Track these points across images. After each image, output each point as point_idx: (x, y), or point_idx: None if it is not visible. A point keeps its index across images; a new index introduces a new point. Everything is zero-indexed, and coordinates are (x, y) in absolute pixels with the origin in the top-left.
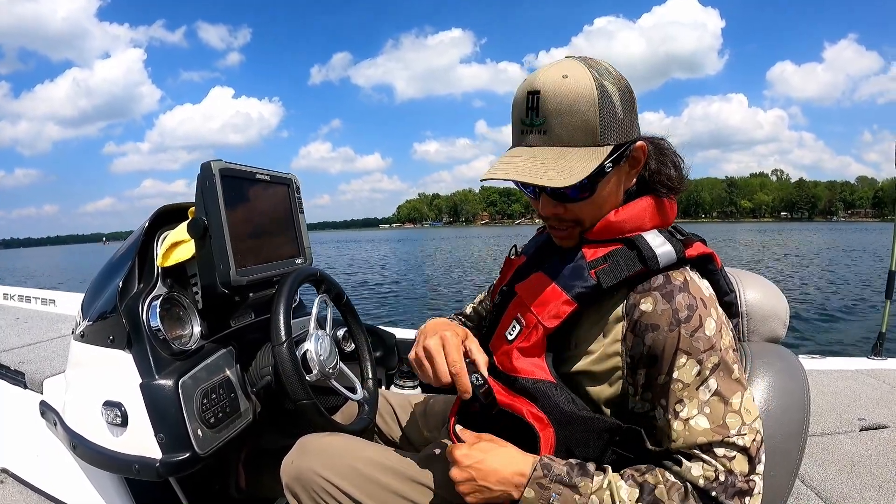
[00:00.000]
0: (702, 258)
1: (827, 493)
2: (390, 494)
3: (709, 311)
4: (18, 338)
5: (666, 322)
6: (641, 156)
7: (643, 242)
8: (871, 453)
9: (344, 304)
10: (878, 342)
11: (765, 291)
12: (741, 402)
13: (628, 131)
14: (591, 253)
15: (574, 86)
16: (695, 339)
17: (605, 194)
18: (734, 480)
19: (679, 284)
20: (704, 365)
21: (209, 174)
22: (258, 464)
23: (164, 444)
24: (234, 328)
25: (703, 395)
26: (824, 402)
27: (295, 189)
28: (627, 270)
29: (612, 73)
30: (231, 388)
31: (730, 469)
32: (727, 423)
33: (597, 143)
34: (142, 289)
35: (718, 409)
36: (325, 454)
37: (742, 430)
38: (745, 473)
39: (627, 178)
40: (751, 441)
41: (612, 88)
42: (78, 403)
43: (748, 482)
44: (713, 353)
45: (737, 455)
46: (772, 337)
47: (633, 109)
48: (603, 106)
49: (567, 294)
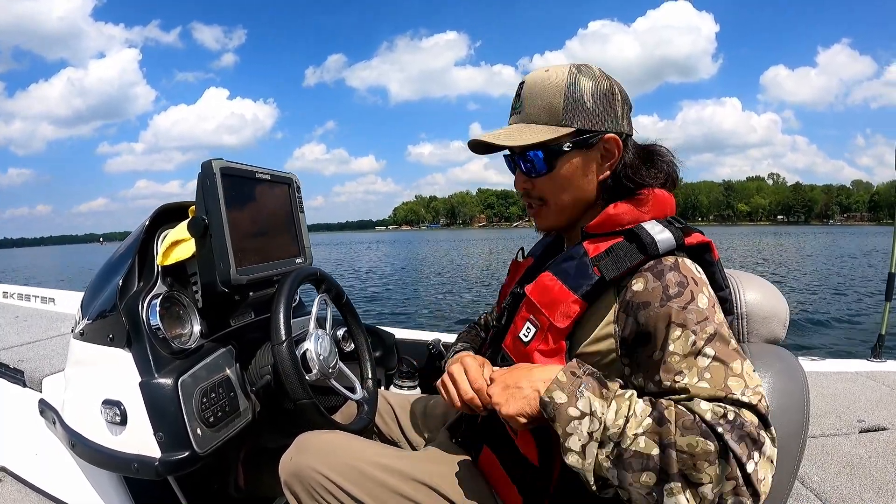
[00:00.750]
0: (700, 248)
1: (826, 495)
2: (389, 492)
3: (700, 289)
4: (18, 336)
5: (657, 298)
6: (614, 149)
7: (643, 231)
8: (871, 455)
9: (344, 303)
10: (878, 344)
11: (764, 292)
12: (742, 368)
13: (597, 122)
14: (594, 248)
15: (548, 76)
16: (688, 311)
17: (567, 174)
18: (742, 422)
19: (669, 264)
20: (699, 335)
21: (210, 173)
22: (257, 463)
23: (163, 443)
24: (233, 327)
25: (702, 363)
26: (824, 404)
27: (295, 188)
28: (629, 261)
29: (596, 73)
30: (230, 388)
31: (738, 413)
32: (730, 386)
33: (558, 124)
34: (142, 287)
35: (720, 373)
36: (324, 452)
37: (746, 392)
38: (756, 424)
39: (599, 168)
40: (758, 401)
41: (585, 82)
42: (77, 402)
43: (759, 434)
44: (708, 323)
45: (745, 410)
46: (771, 338)
47: (610, 106)
48: (569, 93)
49: (575, 294)
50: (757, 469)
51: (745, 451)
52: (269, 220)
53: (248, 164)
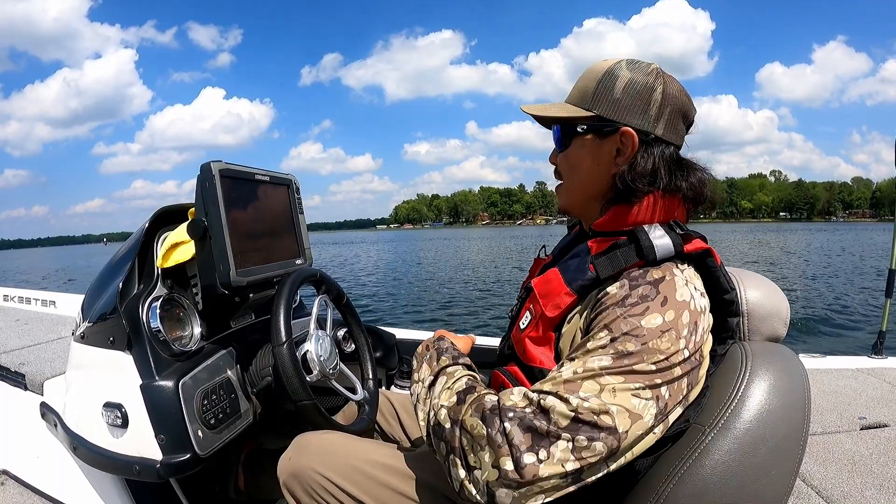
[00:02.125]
0: (701, 254)
1: (828, 492)
2: (388, 491)
3: (664, 310)
4: (19, 339)
5: (616, 301)
6: (630, 144)
7: (642, 234)
8: (872, 452)
9: (344, 304)
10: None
11: (765, 290)
12: (618, 390)
13: (621, 113)
14: (596, 247)
15: (599, 63)
16: (625, 322)
17: (577, 156)
18: (534, 415)
19: (652, 279)
20: (616, 344)
21: (209, 175)
22: (258, 465)
23: (164, 446)
24: (234, 329)
25: (591, 363)
26: (825, 401)
27: (295, 189)
28: (625, 262)
29: (646, 69)
30: (231, 389)
31: (542, 407)
32: (583, 385)
33: (583, 106)
34: (142, 290)
35: (589, 381)
36: (323, 452)
37: (590, 398)
38: (561, 426)
39: (611, 160)
40: (588, 410)
41: (624, 74)
42: (78, 405)
43: (550, 432)
44: (634, 340)
45: (560, 405)
46: (772, 336)
47: (642, 102)
48: (602, 80)
49: (569, 287)
50: (537, 463)
51: (525, 441)
52: (268, 222)
53: (248, 166)
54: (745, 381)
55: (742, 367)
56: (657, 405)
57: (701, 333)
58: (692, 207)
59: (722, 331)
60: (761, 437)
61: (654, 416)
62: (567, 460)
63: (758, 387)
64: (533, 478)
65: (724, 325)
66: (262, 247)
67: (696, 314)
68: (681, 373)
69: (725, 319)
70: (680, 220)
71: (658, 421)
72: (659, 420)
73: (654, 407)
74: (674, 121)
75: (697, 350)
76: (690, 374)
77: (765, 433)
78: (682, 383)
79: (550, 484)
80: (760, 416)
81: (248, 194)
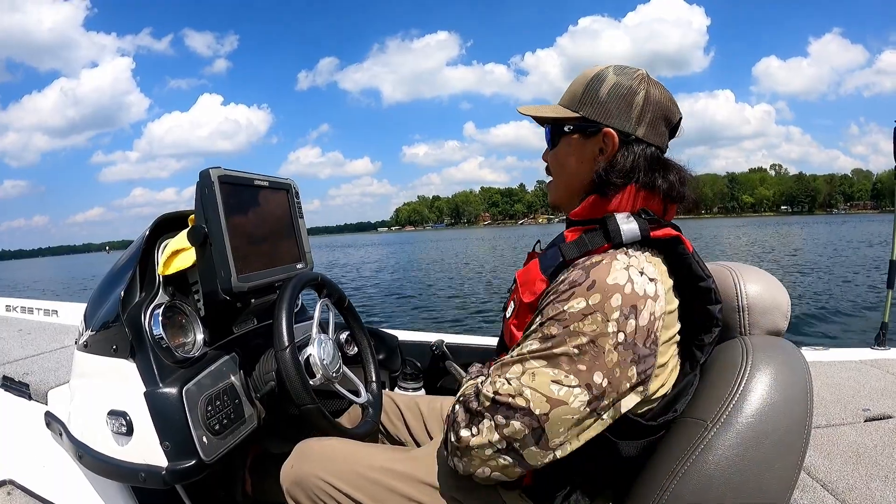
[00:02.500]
0: (670, 241)
1: (833, 485)
2: (393, 495)
3: (588, 294)
4: (22, 349)
5: (552, 288)
6: (611, 143)
7: (612, 220)
8: (877, 443)
9: (346, 307)
10: (881, 332)
11: (765, 284)
12: (538, 374)
13: (604, 115)
14: (570, 235)
15: (594, 68)
16: (552, 307)
17: (564, 155)
18: (472, 398)
19: (588, 263)
20: (542, 328)
21: (208, 181)
22: (264, 469)
23: (169, 452)
24: (236, 334)
25: (524, 347)
26: (828, 394)
27: (294, 194)
28: (591, 245)
29: (632, 74)
30: (235, 395)
31: (477, 390)
32: (511, 368)
33: (571, 108)
34: (143, 297)
35: (518, 357)
36: (325, 458)
37: (511, 381)
38: (483, 405)
39: (595, 158)
40: (505, 393)
41: (611, 78)
42: (83, 413)
43: (478, 411)
44: (556, 324)
45: (487, 387)
46: (773, 330)
47: (625, 105)
48: (590, 84)
49: (543, 274)
50: (469, 437)
51: (464, 419)
52: (268, 227)
53: (247, 172)
54: (746, 376)
55: (743, 362)
56: (589, 392)
57: (648, 318)
58: (671, 204)
59: (705, 319)
60: (764, 431)
61: (587, 403)
62: (493, 435)
63: (759, 381)
64: (467, 447)
65: (706, 312)
66: (263, 252)
67: (633, 298)
68: (618, 358)
69: (706, 308)
70: (655, 211)
71: (595, 407)
72: (597, 406)
73: (583, 393)
74: (655, 123)
75: (646, 336)
76: (639, 360)
77: (767, 427)
78: (624, 369)
79: (486, 454)
80: (763, 411)
81: (247, 200)
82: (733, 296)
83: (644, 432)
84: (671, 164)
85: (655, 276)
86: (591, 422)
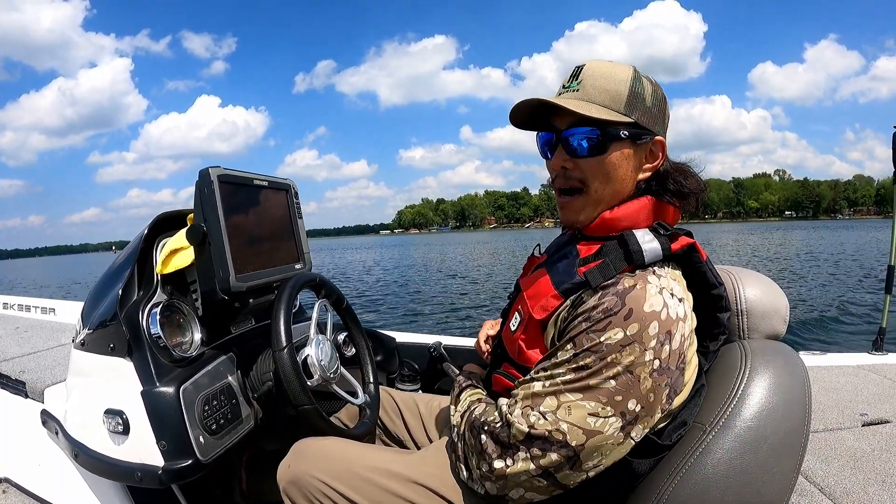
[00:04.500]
0: (687, 251)
1: (830, 489)
2: (389, 496)
3: (626, 324)
4: (19, 347)
5: (583, 313)
6: (660, 152)
7: (632, 238)
8: (874, 448)
9: (344, 308)
10: (879, 337)
11: (764, 288)
12: (574, 407)
13: (652, 122)
14: (585, 249)
15: (613, 66)
16: (587, 337)
17: (615, 163)
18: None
19: (621, 289)
20: (577, 359)
21: (207, 181)
22: (261, 469)
23: (166, 452)
24: (234, 334)
25: (555, 378)
26: (826, 398)
27: (293, 194)
28: (615, 270)
29: (654, 81)
30: (232, 395)
31: (508, 421)
32: (544, 401)
33: (620, 110)
34: (141, 296)
35: (552, 389)
36: (321, 458)
37: (546, 415)
38: (516, 437)
39: (642, 167)
40: (542, 428)
41: (646, 83)
42: (79, 412)
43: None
44: (593, 356)
45: (520, 421)
46: (772, 334)
47: (663, 112)
48: (634, 86)
49: (556, 289)
50: (505, 468)
51: (496, 450)
52: (267, 227)
53: (246, 171)
54: (745, 380)
55: (742, 366)
56: (623, 419)
57: (680, 341)
58: (681, 210)
59: (713, 326)
60: (763, 435)
61: (620, 429)
62: (529, 466)
63: (758, 385)
64: (505, 477)
65: (715, 320)
66: (262, 252)
67: (668, 323)
68: (652, 384)
69: (715, 315)
70: (667, 222)
71: (628, 432)
72: (629, 431)
73: (617, 420)
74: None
75: (678, 358)
76: (671, 382)
77: (766, 431)
78: (658, 393)
79: (523, 479)
80: (761, 414)
81: (246, 200)
82: (732, 300)
83: (659, 449)
84: (688, 170)
85: (683, 295)
86: (623, 443)
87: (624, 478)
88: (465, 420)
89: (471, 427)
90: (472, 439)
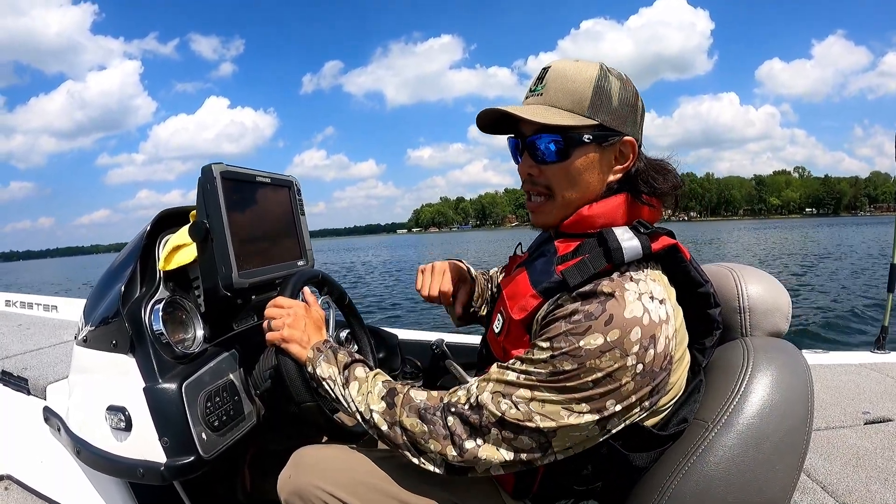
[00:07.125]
0: (668, 251)
1: (833, 487)
2: (393, 501)
3: (607, 330)
4: (21, 344)
5: (564, 314)
6: (630, 152)
7: (611, 236)
8: (877, 446)
9: (346, 305)
10: (882, 336)
11: (766, 286)
12: (548, 402)
13: (620, 123)
14: (563, 247)
15: (578, 66)
16: (566, 339)
17: (580, 168)
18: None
19: (604, 293)
20: (555, 360)
21: (210, 177)
22: (263, 466)
23: (168, 448)
24: (236, 331)
25: (531, 374)
26: (828, 396)
27: (296, 191)
28: (593, 268)
29: (622, 76)
30: (235, 391)
31: (478, 403)
32: (518, 391)
33: (583, 114)
34: (144, 293)
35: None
36: (323, 467)
37: (519, 405)
38: (488, 420)
39: (612, 170)
40: (513, 417)
41: (614, 82)
42: (81, 408)
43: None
44: (571, 360)
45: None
46: (774, 331)
47: (632, 111)
48: (598, 86)
49: (535, 289)
50: (476, 448)
51: (465, 433)
52: (270, 223)
53: (249, 168)
54: (747, 377)
55: (744, 363)
56: (600, 414)
57: (664, 343)
58: (660, 208)
59: (704, 323)
60: (765, 432)
61: (595, 423)
62: (500, 447)
63: (760, 382)
64: (475, 458)
65: (705, 317)
66: (264, 248)
67: (652, 327)
68: (634, 386)
69: (706, 312)
70: (646, 220)
71: (604, 426)
72: (605, 425)
73: (593, 416)
74: (643, 124)
75: (664, 360)
76: (656, 383)
77: (768, 429)
78: (640, 394)
79: (495, 460)
80: (763, 412)
81: (249, 196)
82: (734, 297)
83: (656, 442)
84: (665, 164)
85: (664, 296)
86: (597, 435)
87: (623, 473)
88: (396, 406)
89: (417, 413)
90: (426, 425)
